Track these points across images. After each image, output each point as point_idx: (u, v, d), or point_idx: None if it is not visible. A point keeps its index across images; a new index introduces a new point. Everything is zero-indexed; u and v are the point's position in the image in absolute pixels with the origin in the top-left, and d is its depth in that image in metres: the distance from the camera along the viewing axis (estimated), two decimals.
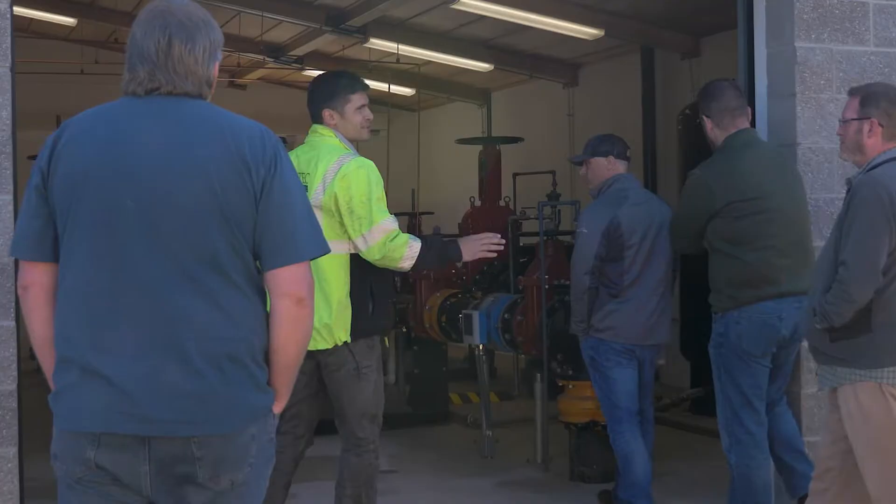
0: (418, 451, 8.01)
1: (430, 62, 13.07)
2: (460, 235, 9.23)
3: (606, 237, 5.75)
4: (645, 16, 10.25)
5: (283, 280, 2.82)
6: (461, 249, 4.87)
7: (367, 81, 4.99)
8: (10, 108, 4.46)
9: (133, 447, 2.73)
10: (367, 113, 4.92)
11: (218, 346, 2.77)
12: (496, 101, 14.85)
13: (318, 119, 4.88)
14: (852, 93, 4.55)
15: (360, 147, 5.01)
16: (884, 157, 4.31)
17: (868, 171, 4.31)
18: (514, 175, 10.66)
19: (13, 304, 4.44)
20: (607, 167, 6.01)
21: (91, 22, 12.57)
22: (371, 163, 4.72)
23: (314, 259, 2.90)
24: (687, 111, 9.03)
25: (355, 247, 4.64)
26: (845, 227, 4.24)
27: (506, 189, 10.00)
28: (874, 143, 4.35)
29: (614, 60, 11.77)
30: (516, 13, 10.13)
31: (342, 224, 4.61)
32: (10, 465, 4.44)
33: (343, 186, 4.59)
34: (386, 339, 5.03)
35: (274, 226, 2.81)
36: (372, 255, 4.63)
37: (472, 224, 9.13)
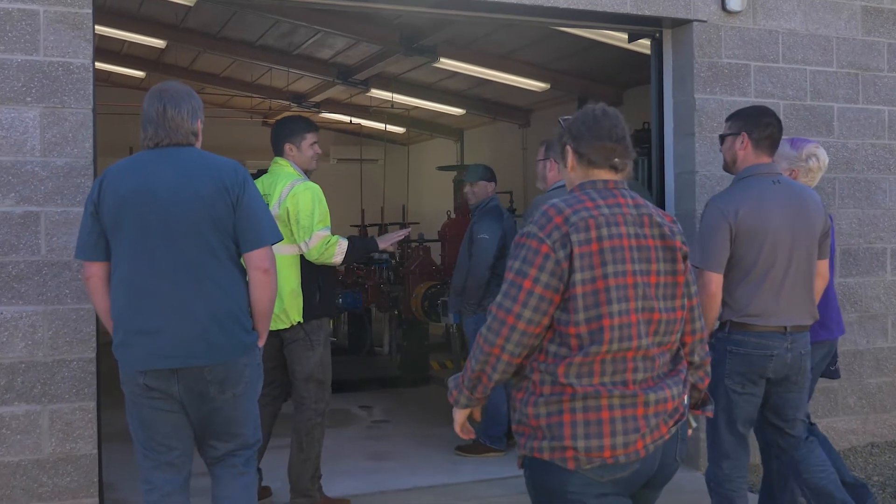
0: (406, 405, 8.00)
1: (417, 107, 13.06)
2: (439, 241, 9.30)
3: (501, 241, 6.03)
4: (581, 73, 10.28)
5: (255, 258, 3.32)
6: (377, 242, 5.02)
7: (368, 122, 5.06)
8: (91, 141, 4.46)
9: (167, 376, 3.24)
10: (317, 148, 4.95)
11: (217, 308, 3.24)
12: (468, 138, 14.85)
13: (279, 152, 4.90)
14: (541, 143, 5.07)
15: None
16: (555, 186, 4.90)
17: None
18: None
19: None
20: (487, 189, 6.35)
21: (157, 74, 12.51)
22: (317, 186, 4.75)
23: (272, 244, 3.35)
24: None
25: (300, 249, 4.67)
26: None
27: None
28: (553, 175, 4.93)
29: (558, 107, 11.78)
30: (482, 70, 10.15)
31: (292, 232, 4.64)
32: (90, 415, 4.44)
33: (293, 203, 4.63)
34: (331, 321, 5.10)
35: (245, 224, 3.29)
36: (311, 255, 4.66)
37: (449, 231, 9.15)
